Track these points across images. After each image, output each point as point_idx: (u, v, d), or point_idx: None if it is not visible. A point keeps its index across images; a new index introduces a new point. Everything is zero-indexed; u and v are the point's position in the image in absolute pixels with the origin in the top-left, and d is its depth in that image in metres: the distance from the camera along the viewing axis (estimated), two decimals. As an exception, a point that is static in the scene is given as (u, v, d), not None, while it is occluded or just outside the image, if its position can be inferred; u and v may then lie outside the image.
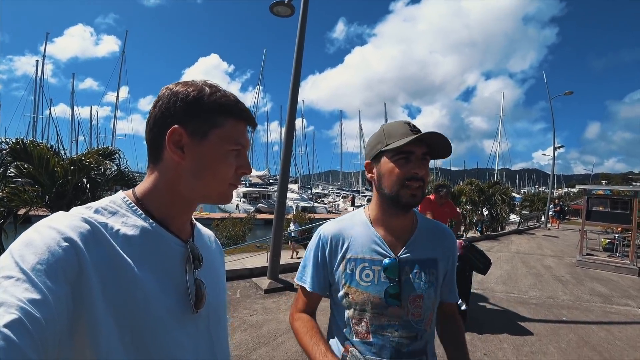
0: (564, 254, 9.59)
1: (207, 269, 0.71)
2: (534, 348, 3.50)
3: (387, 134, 0.97)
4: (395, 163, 0.95)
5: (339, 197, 45.69)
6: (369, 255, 0.99)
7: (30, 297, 0.42)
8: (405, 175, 0.93)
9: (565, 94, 19.00)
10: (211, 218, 18.15)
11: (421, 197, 0.95)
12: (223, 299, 0.77)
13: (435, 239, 1.05)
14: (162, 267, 0.61)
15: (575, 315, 4.60)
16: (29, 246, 0.47)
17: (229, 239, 11.68)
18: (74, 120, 50.72)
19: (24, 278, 0.43)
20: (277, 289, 5.06)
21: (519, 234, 14.48)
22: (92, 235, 0.52)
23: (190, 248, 0.66)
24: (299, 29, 5.40)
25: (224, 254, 0.88)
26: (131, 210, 0.62)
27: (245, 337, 3.50)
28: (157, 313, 0.56)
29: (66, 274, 0.47)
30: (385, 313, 0.95)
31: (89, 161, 4.84)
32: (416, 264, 0.98)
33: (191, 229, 0.73)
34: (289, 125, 5.44)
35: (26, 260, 0.45)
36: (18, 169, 4.55)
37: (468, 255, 4.11)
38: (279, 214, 5.46)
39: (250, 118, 0.69)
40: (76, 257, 0.48)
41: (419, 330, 0.96)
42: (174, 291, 0.61)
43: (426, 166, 0.96)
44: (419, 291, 0.96)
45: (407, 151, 0.94)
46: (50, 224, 0.51)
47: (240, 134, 0.67)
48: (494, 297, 5.22)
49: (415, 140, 0.92)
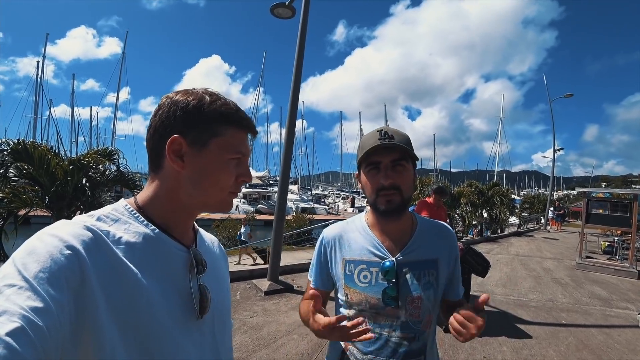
0: (563, 256, 9.61)
1: (211, 274, 0.71)
2: (534, 351, 3.50)
3: (361, 145, 1.00)
4: (367, 175, 0.99)
5: (339, 198, 45.70)
6: (367, 257, 1.01)
7: (32, 305, 0.42)
8: (376, 186, 0.96)
9: (566, 96, 19.01)
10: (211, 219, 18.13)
11: (400, 201, 0.96)
12: (228, 303, 0.78)
13: (436, 239, 1.06)
14: (165, 273, 0.61)
15: (575, 318, 4.59)
16: (32, 254, 0.47)
17: (229, 240, 11.68)
18: (74, 120, 50.90)
19: (27, 286, 0.43)
20: (277, 290, 5.05)
21: (518, 236, 14.48)
22: (95, 243, 0.53)
23: (193, 253, 0.66)
24: (299, 30, 5.41)
25: (227, 259, 0.89)
26: (133, 218, 0.62)
27: (246, 339, 3.50)
28: (161, 319, 0.56)
29: (69, 281, 0.47)
30: (382, 313, 0.97)
31: (87, 160, 4.84)
32: (414, 266, 0.99)
33: (194, 234, 0.73)
34: (290, 126, 5.44)
35: (29, 268, 0.45)
36: (18, 170, 4.56)
37: (466, 257, 4.11)
38: (279, 216, 5.46)
39: (250, 126, 0.69)
40: (79, 265, 0.49)
41: (417, 331, 0.98)
42: (177, 297, 0.61)
43: (401, 173, 0.96)
44: (417, 292, 0.97)
45: (375, 162, 0.96)
46: (52, 232, 0.51)
47: (241, 142, 0.67)
48: (493, 299, 5.21)
49: (379, 149, 0.94)
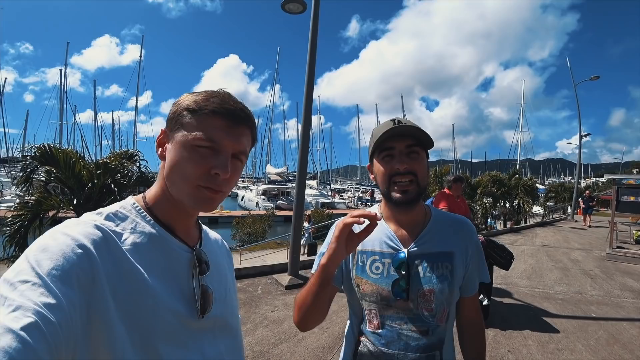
0: (592, 247, 9.22)
1: (215, 274, 0.72)
2: (561, 345, 3.40)
3: (374, 134, 0.98)
4: (381, 162, 0.97)
5: (358, 191, 45.51)
6: (379, 248, 1.00)
7: (45, 301, 0.43)
8: (390, 172, 0.94)
9: (592, 78, 18.08)
10: (232, 216, 18.49)
11: (416, 192, 0.94)
12: (232, 302, 0.78)
13: (452, 232, 1.02)
14: (170, 272, 0.62)
15: (605, 311, 4.42)
16: (45, 252, 0.48)
17: (250, 236, 11.87)
18: (97, 125, 52.87)
19: (40, 283, 0.44)
20: (297, 285, 5.11)
21: (543, 227, 14.03)
22: (104, 243, 0.54)
23: (196, 253, 0.67)
24: (311, 24, 5.40)
25: (232, 257, 0.89)
26: (140, 216, 0.63)
27: (267, 332, 3.57)
28: (166, 318, 0.57)
29: (80, 280, 0.48)
30: (393, 305, 0.95)
31: (114, 164, 5.01)
32: (427, 258, 0.97)
33: (199, 233, 0.74)
34: (305, 121, 5.46)
35: (42, 265, 0.46)
36: (48, 174, 4.77)
37: (487, 251, 4.03)
38: (298, 211, 5.50)
39: (226, 112, 0.62)
40: (89, 263, 0.50)
41: (431, 324, 0.95)
42: (181, 296, 0.62)
43: (416, 160, 0.94)
44: (429, 285, 0.95)
45: (389, 147, 0.94)
46: (64, 231, 0.52)
47: (215, 130, 0.61)
48: (517, 292, 5.09)
49: (393, 135, 0.93)
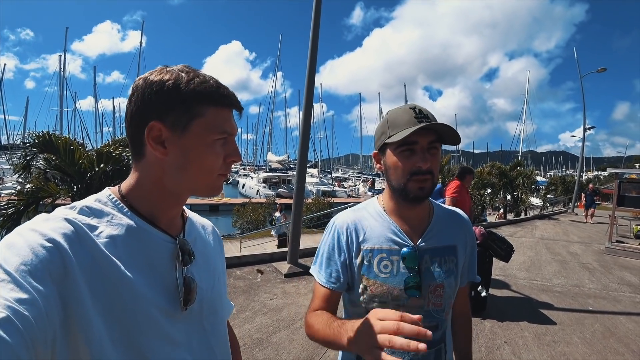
0: (591, 240, 9.24)
1: (201, 263, 0.70)
2: (557, 337, 3.44)
3: (391, 123, 0.91)
4: (399, 156, 0.90)
5: (359, 180, 45.53)
6: (386, 245, 0.95)
7: (17, 296, 0.42)
8: (410, 169, 0.88)
9: (599, 70, 17.82)
10: (232, 203, 18.55)
11: (431, 188, 0.90)
12: (219, 291, 0.76)
13: (453, 226, 1.02)
14: (150, 264, 0.60)
15: (602, 305, 4.45)
16: (11, 248, 0.46)
17: (250, 224, 11.93)
18: (98, 112, 52.64)
19: (9, 279, 0.43)
20: (296, 273, 5.14)
21: (543, 219, 14.07)
22: (76, 236, 0.52)
23: (179, 244, 0.65)
24: (314, 10, 5.30)
25: (222, 244, 0.86)
26: (117, 208, 0.60)
27: (266, 320, 3.60)
28: (147, 311, 0.56)
29: (52, 274, 0.46)
30: (406, 304, 0.92)
31: (117, 153, 4.98)
32: (435, 253, 0.95)
33: (182, 222, 0.71)
34: (307, 109, 5.40)
35: (9, 261, 0.44)
36: (47, 162, 4.74)
37: (488, 243, 4.05)
38: (298, 199, 5.50)
39: (233, 103, 0.64)
40: (60, 258, 0.48)
41: (440, 320, 0.95)
42: (162, 289, 0.60)
43: (435, 156, 0.89)
44: (440, 280, 0.93)
45: (411, 142, 0.87)
46: (31, 227, 0.50)
47: (225, 121, 0.63)
48: (516, 284, 5.13)
49: (419, 129, 0.85)
